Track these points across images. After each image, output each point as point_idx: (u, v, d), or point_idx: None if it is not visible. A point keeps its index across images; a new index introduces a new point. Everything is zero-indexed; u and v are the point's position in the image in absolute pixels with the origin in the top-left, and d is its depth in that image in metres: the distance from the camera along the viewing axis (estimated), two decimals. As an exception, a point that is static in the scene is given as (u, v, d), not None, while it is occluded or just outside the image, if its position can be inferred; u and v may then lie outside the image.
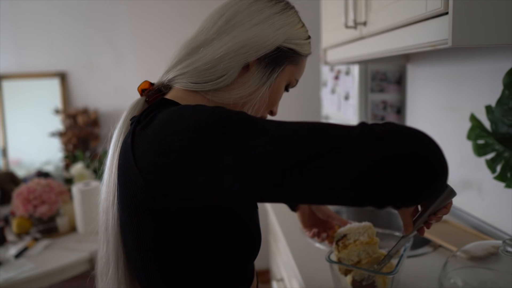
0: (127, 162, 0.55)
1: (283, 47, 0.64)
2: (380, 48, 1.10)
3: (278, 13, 0.65)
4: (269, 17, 0.63)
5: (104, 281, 0.63)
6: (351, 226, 0.85)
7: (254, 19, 0.63)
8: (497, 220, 1.15)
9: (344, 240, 0.84)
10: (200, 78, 0.62)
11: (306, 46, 0.68)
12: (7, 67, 2.61)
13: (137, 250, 0.58)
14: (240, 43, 0.61)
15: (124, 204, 0.57)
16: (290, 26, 0.65)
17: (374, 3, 1.11)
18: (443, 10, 0.76)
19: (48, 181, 1.72)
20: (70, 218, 1.72)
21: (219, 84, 0.62)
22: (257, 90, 0.64)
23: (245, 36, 0.62)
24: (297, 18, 0.68)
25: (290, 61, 0.66)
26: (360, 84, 1.71)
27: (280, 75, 0.66)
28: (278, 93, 0.67)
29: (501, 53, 1.08)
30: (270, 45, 0.63)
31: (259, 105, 0.65)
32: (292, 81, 0.69)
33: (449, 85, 1.35)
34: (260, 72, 0.64)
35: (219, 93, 0.63)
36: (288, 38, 0.64)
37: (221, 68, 0.61)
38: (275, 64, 0.64)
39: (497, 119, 0.92)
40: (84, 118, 2.52)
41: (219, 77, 0.62)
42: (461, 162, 1.30)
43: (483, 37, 0.75)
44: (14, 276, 1.33)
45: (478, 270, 0.79)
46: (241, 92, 0.63)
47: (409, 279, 0.94)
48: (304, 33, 0.68)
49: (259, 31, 0.62)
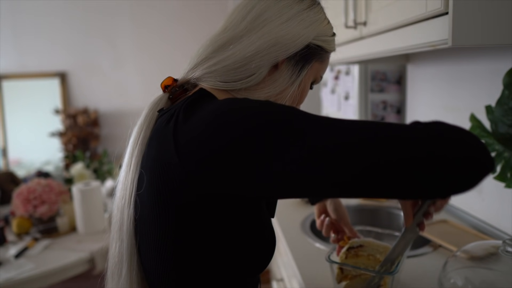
0: (163, 152, 0.53)
1: (312, 45, 0.63)
2: (380, 48, 1.10)
3: (307, 9, 0.63)
4: (298, 14, 0.62)
5: (115, 281, 0.62)
6: (372, 240, 0.85)
7: (283, 16, 0.61)
8: (497, 220, 1.15)
9: (358, 250, 0.84)
10: (230, 77, 0.60)
11: (332, 43, 0.68)
12: (7, 67, 2.61)
13: (156, 249, 0.57)
14: (272, 41, 0.60)
15: (149, 197, 0.56)
16: (319, 23, 0.64)
17: (374, 3, 1.11)
18: (443, 10, 0.76)
19: (48, 181, 1.72)
20: (70, 218, 1.72)
21: (249, 83, 0.60)
22: (287, 88, 0.63)
23: (276, 33, 0.60)
24: (324, 15, 0.67)
25: (317, 58, 0.65)
26: (360, 84, 1.71)
27: (308, 72, 0.65)
28: (305, 90, 0.67)
29: (501, 53, 1.08)
30: (300, 43, 0.61)
31: (289, 104, 0.64)
32: (317, 78, 0.68)
33: (449, 85, 1.35)
34: (290, 70, 0.62)
35: (248, 92, 0.62)
36: (317, 35, 0.63)
37: (252, 67, 0.59)
38: (305, 61, 0.63)
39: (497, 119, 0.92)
40: (84, 118, 2.52)
41: (249, 76, 0.60)
42: (461, 162, 1.30)
43: (483, 37, 0.75)
44: (14, 276, 1.33)
45: (478, 270, 0.79)
46: (271, 91, 0.62)
47: (409, 279, 0.94)
48: (330, 30, 0.67)
49: (290, 28, 0.60)
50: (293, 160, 0.46)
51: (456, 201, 1.36)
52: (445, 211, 1.40)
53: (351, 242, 0.86)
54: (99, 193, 1.71)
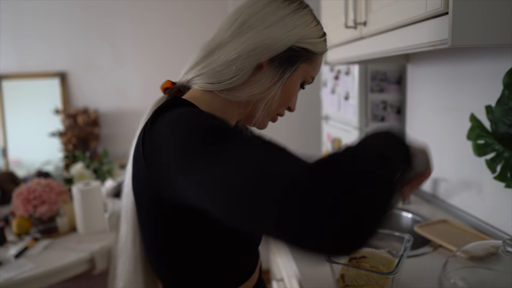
0: (138, 155, 0.60)
1: (296, 47, 0.66)
2: (380, 48, 1.10)
3: (291, 13, 0.66)
4: (281, 19, 0.65)
5: (123, 258, 0.70)
6: (375, 251, 0.85)
7: (266, 21, 0.65)
8: (497, 220, 1.15)
9: (361, 261, 0.84)
10: (215, 79, 0.66)
11: (320, 44, 0.69)
12: (7, 67, 2.61)
13: (148, 233, 0.65)
14: (252, 45, 0.64)
15: (134, 192, 0.64)
16: (303, 26, 0.66)
17: (374, 3, 1.11)
18: (443, 10, 0.76)
19: (48, 181, 1.72)
20: (70, 218, 1.72)
21: (232, 84, 0.65)
22: (269, 88, 0.67)
23: (257, 38, 0.64)
24: (311, 17, 0.69)
25: (303, 59, 0.68)
26: (360, 84, 1.71)
27: (294, 73, 0.68)
28: (293, 90, 0.70)
29: (501, 53, 1.08)
30: (282, 46, 0.65)
31: (271, 103, 0.68)
32: (307, 78, 0.71)
33: (449, 85, 1.35)
34: (273, 72, 0.66)
35: (232, 92, 0.66)
36: (300, 38, 0.66)
37: (234, 69, 0.64)
38: (288, 63, 0.67)
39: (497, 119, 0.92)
40: (84, 118, 2.52)
41: (232, 77, 0.65)
42: (461, 162, 1.30)
43: (483, 37, 0.75)
44: (14, 276, 1.33)
45: (478, 270, 0.79)
46: (254, 91, 0.66)
47: (409, 279, 0.94)
48: (318, 32, 0.69)
49: (271, 33, 0.64)
50: (195, 181, 0.47)
51: (456, 201, 1.36)
52: (445, 211, 1.40)
53: None
54: (99, 193, 1.71)
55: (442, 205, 1.43)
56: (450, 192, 1.39)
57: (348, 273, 0.84)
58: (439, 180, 1.46)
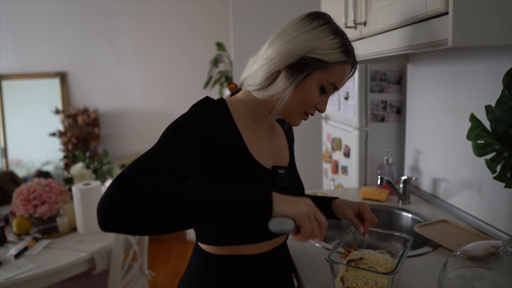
0: None
1: (307, 57, 0.80)
2: (380, 48, 1.10)
3: (309, 30, 0.80)
4: (299, 34, 0.80)
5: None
6: (372, 252, 0.86)
7: (288, 37, 0.81)
8: (497, 220, 1.15)
9: (358, 263, 0.84)
10: (251, 81, 0.86)
11: (334, 55, 0.80)
12: (7, 67, 2.61)
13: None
14: (273, 55, 0.82)
15: None
16: (315, 40, 0.80)
17: (374, 3, 1.11)
18: (443, 10, 0.77)
19: (48, 181, 1.72)
20: (70, 218, 1.72)
21: (260, 85, 0.84)
22: (285, 90, 0.81)
23: (278, 50, 0.81)
24: (327, 33, 0.81)
25: (315, 67, 0.80)
26: (360, 84, 1.71)
27: (308, 79, 0.81)
28: (309, 93, 0.83)
29: (501, 53, 1.08)
30: (294, 56, 0.80)
31: (288, 103, 0.83)
32: (325, 84, 0.83)
33: (449, 85, 1.35)
34: (288, 77, 0.81)
35: (261, 92, 0.84)
36: (312, 50, 0.79)
37: (260, 75, 0.84)
38: (299, 70, 0.80)
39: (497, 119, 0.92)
40: (84, 118, 2.52)
41: (260, 80, 0.84)
42: (461, 162, 1.30)
43: (483, 37, 0.75)
44: (14, 276, 1.33)
45: (478, 270, 0.79)
46: (273, 92, 0.82)
47: (409, 279, 0.94)
48: (332, 45, 0.80)
49: (289, 46, 0.80)
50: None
51: (456, 201, 1.36)
52: (445, 211, 1.40)
53: (352, 254, 0.86)
54: (99, 193, 1.71)
55: (442, 205, 1.43)
56: (450, 192, 1.40)
57: (348, 274, 0.84)
58: (439, 180, 1.46)
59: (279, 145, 0.97)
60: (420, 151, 1.58)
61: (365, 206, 0.97)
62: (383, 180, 1.46)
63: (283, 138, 1.01)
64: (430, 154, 1.51)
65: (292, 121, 0.90)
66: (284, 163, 0.95)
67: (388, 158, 1.61)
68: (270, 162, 0.90)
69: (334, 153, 2.06)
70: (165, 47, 2.70)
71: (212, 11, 2.82)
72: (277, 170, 0.89)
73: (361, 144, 1.76)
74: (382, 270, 0.82)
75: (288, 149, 1.01)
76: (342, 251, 0.91)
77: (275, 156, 0.93)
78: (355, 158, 1.79)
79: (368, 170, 1.78)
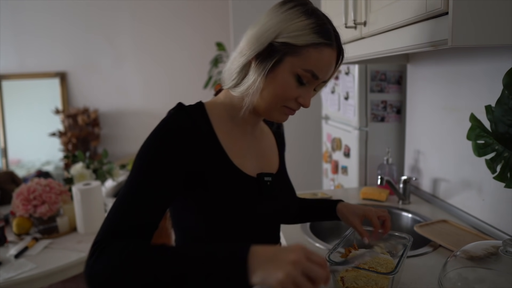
0: None
1: (275, 43, 0.71)
2: (380, 48, 1.10)
3: (278, 14, 0.72)
4: (267, 21, 0.73)
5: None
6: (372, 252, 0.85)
7: (257, 25, 0.74)
8: (497, 220, 1.15)
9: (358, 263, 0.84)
10: (227, 79, 0.78)
11: (304, 37, 0.70)
12: (7, 67, 2.61)
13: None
14: (243, 46, 0.74)
15: None
16: (284, 23, 0.71)
17: (374, 3, 1.11)
18: (443, 10, 0.76)
19: (48, 181, 1.72)
20: (70, 218, 1.72)
21: (233, 81, 0.77)
22: (255, 81, 0.73)
23: (246, 41, 0.74)
24: (298, 14, 0.72)
25: (285, 53, 0.71)
26: (360, 84, 1.71)
27: (279, 67, 0.72)
28: (283, 84, 0.73)
29: (501, 53, 1.08)
30: (262, 43, 0.72)
31: (262, 96, 0.74)
32: (300, 72, 0.72)
33: (449, 85, 1.35)
34: (258, 66, 0.73)
35: (235, 89, 0.77)
36: (279, 34, 0.71)
37: (233, 70, 0.76)
38: (268, 57, 0.72)
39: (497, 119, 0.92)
40: (84, 118, 2.52)
41: (233, 76, 0.76)
42: (461, 162, 1.30)
43: (483, 37, 0.75)
44: (14, 276, 1.33)
45: (478, 270, 0.79)
46: (245, 86, 0.74)
47: (409, 279, 0.94)
48: (304, 26, 0.71)
49: (255, 34, 0.73)
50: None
51: (456, 201, 1.36)
52: (445, 211, 1.40)
53: (352, 254, 0.86)
54: (99, 193, 1.71)
55: (442, 205, 1.43)
56: (450, 192, 1.39)
57: (348, 274, 0.84)
58: (439, 180, 1.46)
59: (267, 149, 0.89)
60: (420, 151, 1.58)
61: (371, 213, 0.94)
62: (383, 180, 1.46)
63: (271, 141, 0.93)
64: (430, 154, 1.51)
65: (273, 117, 0.79)
66: (273, 168, 0.87)
67: (388, 158, 1.61)
68: (256, 168, 0.82)
69: (334, 153, 2.06)
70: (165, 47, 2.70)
71: (212, 11, 2.82)
72: (263, 178, 0.80)
73: (361, 144, 1.76)
74: (382, 270, 0.82)
75: (277, 152, 0.93)
76: (342, 251, 0.91)
77: (262, 162, 0.85)
78: (355, 158, 1.79)
79: (368, 170, 1.78)
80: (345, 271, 0.84)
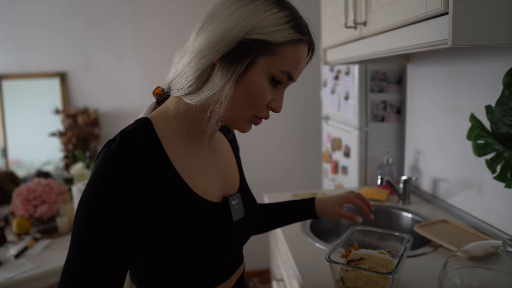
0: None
1: (246, 40, 0.59)
2: (380, 48, 1.10)
3: (245, 5, 0.60)
4: (232, 13, 0.60)
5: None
6: (372, 253, 0.85)
7: (219, 18, 0.61)
8: (497, 220, 1.15)
9: (359, 263, 0.84)
10: (179, 84, 0.64)
11: (280, 32, 0.60)
12: (7, 67, 2.61)
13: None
14: (202, 45, 0.61)
15: None
16: (255, 16, 0.59)
17: (374, 3, 1.11)
18: (443, 10, 0.77)
19: (48, 181, 1.72)
20: (70, 218, 1.72)
21: (190, 88, 0.63)
22: (223, 87, 0.60)
23: (207, 38, 0.61)
24: (269, 5, 0.61)
25: (259, 52, 0.60)
26: (360, 84, 1.71)
27: (252, 69, 0.61)
28: (256, 87, 0.62)
29: (501, 53, 1.08)
30: (230, 41, 0.59)
31: (231, 104, 0.62)
32: (275, 74, 0.62)
33: (449, 85, 1.35)
34: (225, 70, 0.60)
35: (192, 96, 0.63)
36: (251, 29, 0.59)
37: (189, 73, 0.62)
38: (239, 58, 0.60)
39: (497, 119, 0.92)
40: (84, 118, 2.52)
41: (189, 81, 0.63)
42: (461, 162, 1.30)
43: (483, 37, 0.75)
44: (14, 276, 1.33)
45: (478, 270, 0.79)
46: (210, 91, 0.61)
47: (409, 279, 0.94)
48: (279, 19, 0.60)
49: (219, 30, 0.60)
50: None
51: (456, 201, 1.36)
52: (445, 211, 1.40)
53: (352, 254, 0.86)
54: (99, 193, 1.71)
55: (442, 205, 1.43)
56: (450, 192, 1.39)
57: (348, 274, 0.84)
58: (439, 180, 1.46)
59: (227, 163, 0.78)
60: (420, 151, 1.58)
61: (349, 198, 0.96)
62: (383, 180, 1.46)
63: (228, 151, 0.82)
64: (430, 154, 1.51)
65: (239, 127, 0.67)
66: (235, 184, 0.77)
67: (388, 158, 1.61)
68: (219, 190, 0.71)
69: (334, 153, 2.06)
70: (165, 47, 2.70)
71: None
72: (230, 202, 0.70)
73: (361, 144, 1.76)
74: (382, 270, 0.82)
75: (236, 163, 0.83)
76: (342, 251, 0.91)
77: (224, 181, 0.74)
78: (355, 158, 1.79)
79: (368, 170, 1.78)
80: (345, 271, 0.84)
